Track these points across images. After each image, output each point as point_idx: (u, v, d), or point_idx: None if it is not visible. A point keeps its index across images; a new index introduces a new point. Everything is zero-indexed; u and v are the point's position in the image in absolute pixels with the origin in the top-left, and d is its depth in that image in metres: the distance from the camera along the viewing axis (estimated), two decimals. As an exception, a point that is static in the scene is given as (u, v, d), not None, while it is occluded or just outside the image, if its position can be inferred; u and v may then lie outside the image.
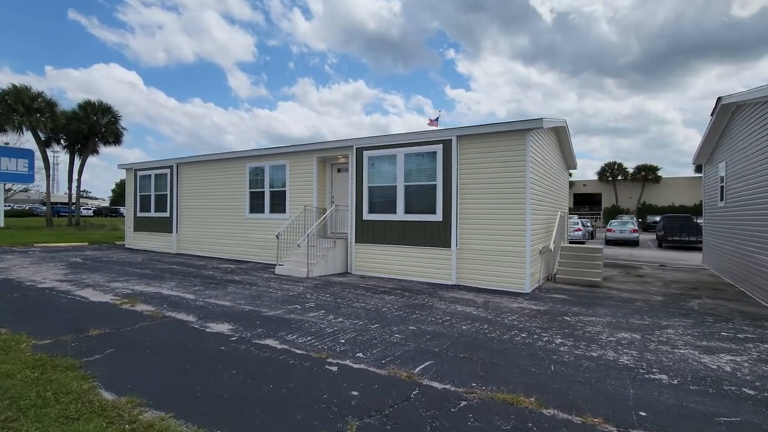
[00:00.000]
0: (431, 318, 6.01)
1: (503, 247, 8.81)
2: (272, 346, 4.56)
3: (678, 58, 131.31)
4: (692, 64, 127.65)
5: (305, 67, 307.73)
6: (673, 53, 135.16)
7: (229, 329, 5.20)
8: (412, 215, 9.88)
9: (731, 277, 10.48)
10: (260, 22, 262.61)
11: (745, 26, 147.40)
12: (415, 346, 4.68)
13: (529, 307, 7.00)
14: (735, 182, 10.38)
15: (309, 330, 5.22)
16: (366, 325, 5.53)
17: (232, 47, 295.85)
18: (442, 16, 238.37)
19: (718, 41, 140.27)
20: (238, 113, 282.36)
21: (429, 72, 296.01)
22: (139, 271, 10.07)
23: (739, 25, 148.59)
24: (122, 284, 8.17)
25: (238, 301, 6.81)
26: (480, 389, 3.55)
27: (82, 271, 9.82)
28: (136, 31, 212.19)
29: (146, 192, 15.74)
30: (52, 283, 8.12)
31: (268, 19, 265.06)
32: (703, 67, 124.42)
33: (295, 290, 7.96)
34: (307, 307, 6.52)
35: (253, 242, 12.85)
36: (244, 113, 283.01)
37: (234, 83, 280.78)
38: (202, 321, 5.56)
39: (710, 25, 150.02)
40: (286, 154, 12.25)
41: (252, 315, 5.93)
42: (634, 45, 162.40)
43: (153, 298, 6.91)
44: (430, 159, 9.69)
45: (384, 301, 7.17)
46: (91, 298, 6.84)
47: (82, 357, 4.15)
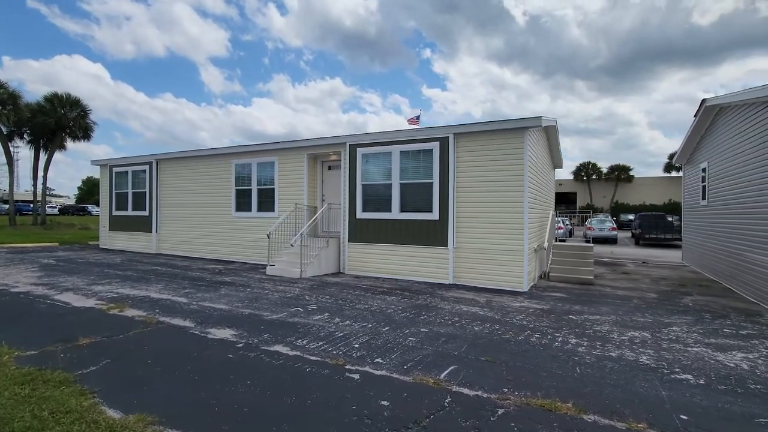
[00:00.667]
0: (440, 319, 5.86)
1: (501, 245, 8.75)
2: (283, 353, 4.30)
3: (643, 62, 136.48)
4: (657, 69, 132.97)
5: (281, 63, 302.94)
6: (639, 58, 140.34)
7: (233, 335, 4.89)
8: (407, 214, 9.71)
9: (714, 274, 10.79)
10: (234, 17, 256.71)
11: (705, 34, 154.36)
12: (433, 349, 4.51)
13: (532, 306, 6.95)
14: (718, 182, 10.68)
15: (318, 334, 4.97)
16: (376, 328, 5.32)
17: (204, 41, 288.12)
18: (419, 15, 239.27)
19: (680, 47, 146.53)
20: (212, 109, 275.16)
21: (406, 71, 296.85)
22: (120, 272, 9.51)
23: (700, 32, 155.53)
24: (105, 287, 7.67)
25: (234, 305, 6.47)
26: (513, 395, 3.41)
27: (57, 273, 9.20)
28: (101, 22, 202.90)
29: (123, 189, 14.99)
30: (27, 287, 7.55)
31: (243, 13, 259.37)
32: (667, 71, 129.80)
33: (292, 292, 7.67)
34: (309, 309, 6.26)
35: (239, 242, 12.40)
36: (217, 109, 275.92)
37: (207, 78, 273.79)
38: (202, 326, 5.22)
39: (673, 31, 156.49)
40: (275, 151, 11.87)
41: (253, 319, 5.63)
42: (603, 49, 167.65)
43: (142, 302, 6.49)
44: (426, 156, 9.54)
45: (386, 302, 6.98)
46: (74, 303, 6.36)
47: (75, 369, 3.78)
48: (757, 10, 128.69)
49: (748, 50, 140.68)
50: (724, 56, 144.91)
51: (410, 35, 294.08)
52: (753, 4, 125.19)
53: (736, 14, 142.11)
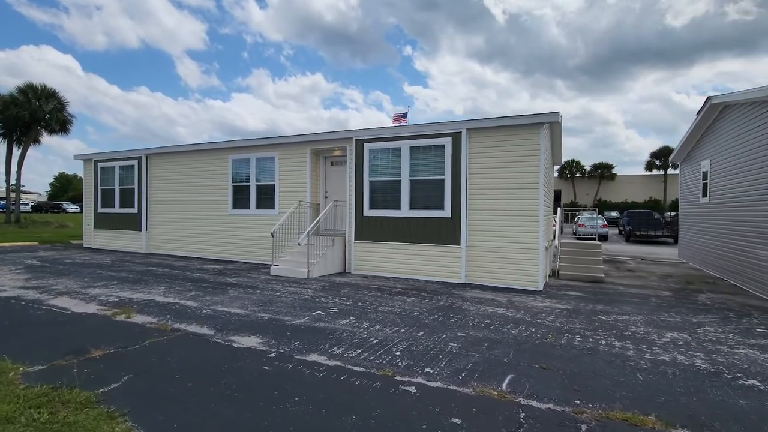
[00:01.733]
0: (471, 322, 5.59)
1: (515, 244, 8.56)
2: (323, 363, 3.95)
3: (619, 62, 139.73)
4: (632, 69, 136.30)
5: (260, 57, 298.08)
6: (615, 58, 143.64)
7: (259, 343, 4.51)
8: (417, 211, 9.43)
9: (717, 271, 10.87)
10: (211, 9, 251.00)
11: (677, 36, 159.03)
12: (480, 356, 4.23)
13: (555, 306, 6.77)
14: (722, 179, 10.74)
15: (352, 341, 4.64)
16: (410, 333, 5.02)
17: (180, 34, 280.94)
18: (399, 12, 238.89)
19: (653, 48, 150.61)
20: (189, 104, 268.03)
21: (387, 68, 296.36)
22: (114, 274, 8.93)
23: (672, 34, 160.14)
24: (103, 291, 7.14)
25: (250, 308, 6.07)
26: (587, 408, 3.16)
27: (45, 275, 8.56)
28: (70, 11, 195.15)
29: (109, 186, 14.23)
30: (15, 291, 6.95)
31: (220, 6, 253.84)
32: (642, 72, 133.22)
33: (305, 293, 7.29)
34: (331, 313, 5.91)
35: (237, 240, 11.89)
36: (195, 104, 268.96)
37: (183, 72, 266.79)
38: (223, 334, 4.82)
39: (647, 32, 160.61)
40: (275, 146, 11.39)
41: (276, 325, 5.25)
42: (581, 48, 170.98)
43: (148, 307, 6.02)
44: (438, 152, 9.26)
45: (407, 303, 6.68)
46: (74, 309, 5.84)
47: (95, 387, 3.36)
48: (726, 13, 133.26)
49: (718, 53, 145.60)
50: (695, 58, 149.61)
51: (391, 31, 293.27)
52: (722, 7, 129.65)
53: (707, 17, 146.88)
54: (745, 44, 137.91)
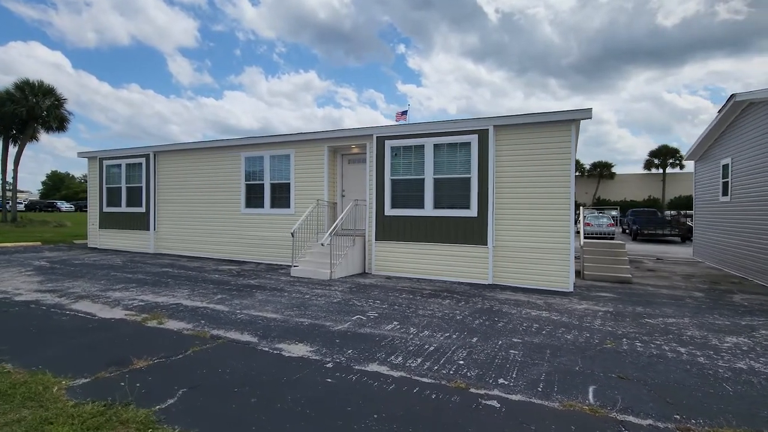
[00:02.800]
0: (519, 326, 5.36)
1: (544, 243, 8.34)
2: (387, 374, 3.69)
3: (612, 61, 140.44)
4: (624, 68, 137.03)
5: (253, 55, 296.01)
6: (607, 57, 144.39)
7: (310, 351, 4.24)
8: (442, 210, 9.18)
9: (740, 270, 10.72)
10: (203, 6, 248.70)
11: (669, 35, 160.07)
12: (549, 365, 4.00)
13: (595, 309, 6.56)
14: (745, 178, 10.60)
15: (406, 349, 4.38)
16: (463, 339, 4.77)
17: (172, 31, 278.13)
18: (393, 10, 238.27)
19: (646, 47, 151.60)
20: (181, 102, 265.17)
21: (381, 66, 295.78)
22: (129, 276, 8.59)
23: (664, 33, 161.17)
24: (123, 294, 6.81)
25: (285, 313, 5.78)
26: (691, 424, 2.93)
27: (59, 277, 8.21)
28: (59, 8, 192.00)
29: (115, 184, 13.82)
30: (32, 295, 6.60)
31: (212, 2, 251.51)
32: (634, 71, 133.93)
33: (334, 296, 7.02)
34: (372, 317, 5.64)
35: (250, 240, 11.57)
36: (187, 102, 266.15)
37: (175, 69, 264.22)
38: (267, 341, 4.54)
39: (639, 32, 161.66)
40: (290, 143, 11.08)
41: (319, 331, 4.97)
42: (573, 47, 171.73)
43: (178, 312, 5.71)
44: (463, 150, 9.01)
45: (444, 306, 6.43)
46: (100, 314, 5.52)
47: (150, 404, 3.08)
48: (716, 13, 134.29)
49: (709, 52, 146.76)
50: (686, 57, 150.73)
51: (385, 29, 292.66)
52: (712, 7, 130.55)
53: (698, 17, 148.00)
54: (736, 44, 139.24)
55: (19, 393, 3.12)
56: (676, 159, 48.13)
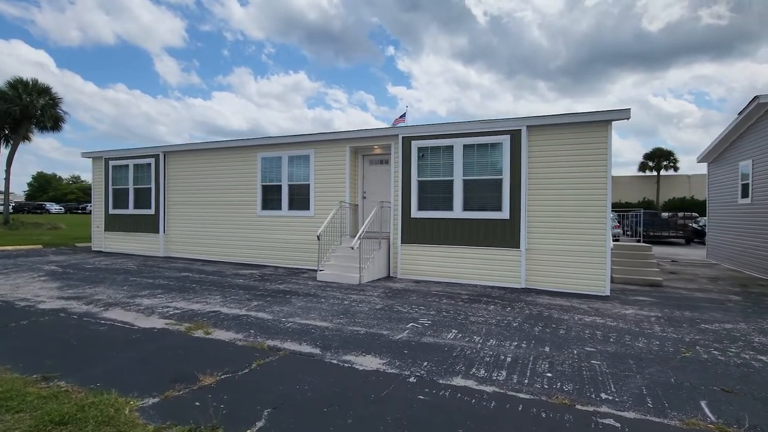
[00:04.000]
0: (582, 334, 5.14)
1: (579, 246, 8.16)
2: (479, 390, 3.43)
3: (599, 65, 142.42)
4: (611, 72, 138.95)
5: (241, 56, 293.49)
6: (595, 60, 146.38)
7: (383, 364, 3.96)
8: (472, 212, 8.95)
9: (763, 272, 10.66)
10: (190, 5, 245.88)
11: (654, 39, 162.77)
12: (641, 377, 3.77)
13: (644, 314, 6.38)
14: (767, 179, 10.58)
15: (483, 360, 4.13)
16: (533, 348, 4.54)
17: (158, 30, 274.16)
18: (382, 12, 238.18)
19: (632, 51, 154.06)
20: (169, 102, 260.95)
21: (371, 68, 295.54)
22: (150, 281, 8.20)
23: (649, 37, 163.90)
24: (153, 301, 6.44)
25: (334, 320, 5.49)
26: (831, 442, 2.73)
27: (76, 282, 7.79)
28: (41, 5, 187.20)
29: (122, 185, 13.36)
30: (56, 302, 6.21)
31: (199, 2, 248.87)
32: (621, 74, 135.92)
33: (374, 301, 6.74)
34: (426, 325, 5.38)
35: (267, 244, 11.22)
36: (175, 102, 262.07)
37: (162, 69, 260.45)
38: (332, 353, 4.25)
39: (625, 36, 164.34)
40: (310, 143, 10.78)
41: (380, 341, 4.69)
42: (562, 50, 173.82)
43: (221, 320, 5.38)
44: (495, 150, 8.81)
45: (492, 312, 6.20)
46: (138, 324, 5.17)
47: (238, 427, 2.78)
48: (700, 18, 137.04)
49: (693, 56, 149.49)
50: (671, 61, 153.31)
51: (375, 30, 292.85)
52: (696, 12, 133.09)
53: (682, 21, 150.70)
54: (720, 48, 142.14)
55: (91, 417, 2.79)
56: (670, 161, 48.67)
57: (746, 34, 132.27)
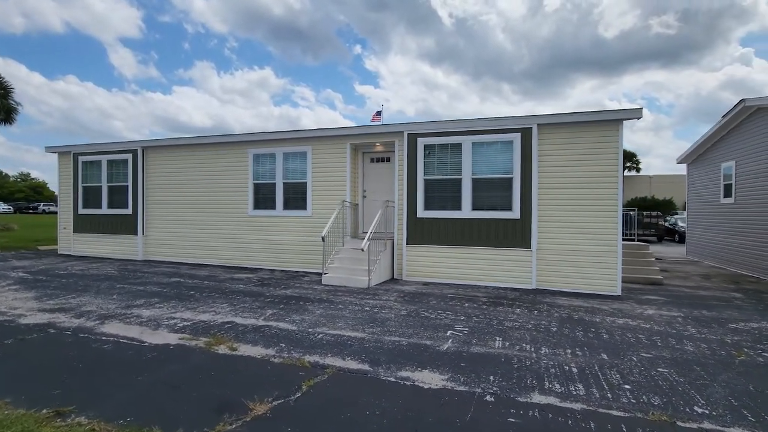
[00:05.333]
0: (625, 338, 4.98)
1: (590, 246, 8.10)
2: (567, 408, 3.13)
3: (559, 69, 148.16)
4: (571, 76, 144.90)
5: (203, 49, 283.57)
6: (555, 65, 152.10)
7: (446, 380, 3.59)
8: (481, 212, 8.72)
9: (749, 269, 11.03)
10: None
11: (609, 46, 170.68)
12: (720, 386, 3.59)
13: (667, 314, 6.34)
14: (751, 180, 10.98)
15: (549, 372, 3.84)
16: (591, 355, 4.30)
17: (112, 19, 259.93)
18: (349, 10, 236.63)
19: (589, 57, 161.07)
20: (125, 96, 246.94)
21: (339, 66, 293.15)
22: (140, 288, 7.44)
23: (605, 44, 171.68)
24: (154, 311, 5.77)
25: (366, 330, 5.06)
26: None
27: (55, 291, 6.93)
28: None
29: (94, 183, 12.26)
30: (39, 316, 5.43)
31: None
32: (580, 79, 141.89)
33: (395, 307, 6.35)
34: (465, 332, 5.05)
35: (260, 245, 10.58)
36: (132, 96, 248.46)
37: (117, 61, 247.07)
38: (385, 369, 3.83)
39: (583, 42, 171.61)
40: (307, 139, 10.23)
41: (429, 352, 4.32)
42: (525, 54, 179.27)
43: (241, 333, 4.84)
44: (505, 149, 8.61)
45: (520, 315, 5.96)
46: (146, 339, 4.55)
47: (322, 468, 2.33)
48: (650, 26, 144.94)
49: (645, 63, 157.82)
50: (626, 68, 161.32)
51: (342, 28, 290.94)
52: (646, 21, 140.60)
53: (634, 30, 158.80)
54: (669, 56, 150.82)
55: (141, 465, 2.27)
56: (633, 162, 50.86)
57: (692, 44, 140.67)
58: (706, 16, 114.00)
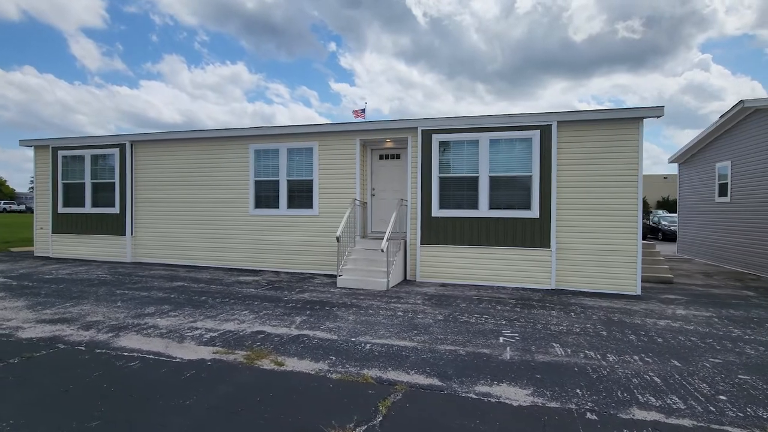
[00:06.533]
0: (681, 342, 4.82)
1: (610, 245, 8.01)
2: (679, 426, 2.87)
3: (531, 70, 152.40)
4: (542, 78, 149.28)
5: (171, 42, 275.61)
6: (527, 66, 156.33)
7: (531, 395, 3.29)
8: (499, 211, 8.50)
9: (745, 266, 11.28)
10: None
11: (578, 49, 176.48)
12: (809, 392, 3.44)
13: (699, 314, 6.26)
14: (748, 180, 11.23)
15: (631, 382, 3.59)
16: (660, 363, 4.09)
17: (73, 8, 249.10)
18: (322, 6, 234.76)
19: (560, 59, 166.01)
20: (89, 89, 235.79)
21: (314, 63, 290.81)
22: (144, 294, 6.80)
23: (574, 47, 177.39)
24: (171, 321, 5.22)
25: (414, 338, 4.69)
26: None
27: (49, 299, 6.23)
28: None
29: (76, 179, 11.36)
30: (40, 328, 4.80)
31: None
32: (551, 80, 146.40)
33: (428, 311, 6.01)
34: (517, 339, 4.77)
35: (262, 246, 10.03)
36: (96, 90, 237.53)
37: (79, 52, 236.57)
38: (459, 384, 3.48)
39: (553, 44, 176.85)
40: (313, 135, 9.74)
41: (494, 363, 4.00)
42: (498, 55, 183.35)
43: (281, 345, 4.38)
44: (523, 146, 8.41)
45: (560, 318, 5.74)
46: (176, 354, 4.03)
47: None
48: (617, 31, 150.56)
49: (612, 66, 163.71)
50: (594, 70, 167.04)
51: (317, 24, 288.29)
52: (613, 25, 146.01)
53: (602, 34, 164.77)
54: (634, 60, 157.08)
55: None
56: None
57: (656, 48, 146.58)
58: (669, 22, 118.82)
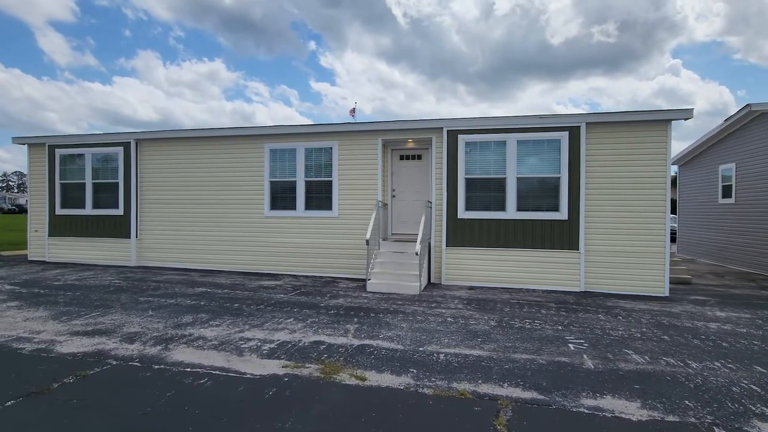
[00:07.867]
0: (744, 346, 4.79)
1: (638, 247, 8.02)
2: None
3: (510, 72, 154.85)
4: (521, 80, 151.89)
5: (145, 37, 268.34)
6: (506, 68, 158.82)
7: (642, 408, 3.13)
8: (527, 213, 8.41)
9: (751, 267, 11.52)
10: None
11: (556, 52, 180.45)
12: None
13: (740, 316, 6.30)
14: (754, 182, 11.49)
15: (731, 392, 3.49)
16: (747, 369, 4.02)
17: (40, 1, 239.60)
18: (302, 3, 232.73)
19: (538, 62, 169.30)
20: (59, 85, 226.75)
21: (293, 61, 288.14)
22: (171, 301, 6.40)
23: (552, 50, 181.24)
24: (217, 332, 4.88)
25: (484, 347, 4.49)
26: None
27: (70, 308, 5.77)
28: None
29: (76, 179, 10.75)
30: (77, 342, 4.40)
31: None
32: (530, 83, 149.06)
33: (477, 317, 5.84)
34: (585, 346, 4.63)
35: (278, 249, 9.68)
36: (66, 86, 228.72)
37: (47, 46, 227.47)
38: (561, 397, 3.30)
39: (532, 47, 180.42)
40: (333, 134, 9.46)
41: (584, 374, 3.84)
42: (479, 56, 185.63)
43: (351, 356, 4.12)
44: (551, 148, 8.34)
45: (612, 323, 5.66)
46: (244, 369, 3.73)
47: None
48: (592, 35, 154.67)
49: (588, 70, 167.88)
50: (571, 73, 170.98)
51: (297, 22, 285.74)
52: (588, 29, 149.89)
53: (578, 37, 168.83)
54: (609, 63, 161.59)
55: None
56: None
57: (630, 52, 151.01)
58: (643, 27, 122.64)
